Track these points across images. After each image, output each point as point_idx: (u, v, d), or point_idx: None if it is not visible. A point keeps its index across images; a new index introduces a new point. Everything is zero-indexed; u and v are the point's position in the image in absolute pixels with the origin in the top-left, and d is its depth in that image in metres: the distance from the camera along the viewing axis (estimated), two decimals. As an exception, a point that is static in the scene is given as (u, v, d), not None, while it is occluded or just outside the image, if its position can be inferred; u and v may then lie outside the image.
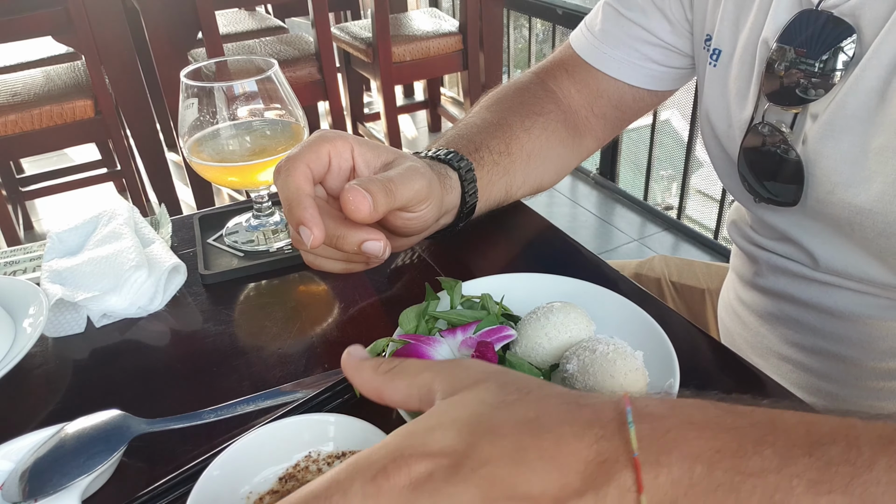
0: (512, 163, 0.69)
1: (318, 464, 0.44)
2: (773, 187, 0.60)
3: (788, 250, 0.65)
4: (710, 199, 2.66)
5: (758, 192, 0.62)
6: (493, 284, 0.58)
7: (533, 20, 2.85)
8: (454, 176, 0.62)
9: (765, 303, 0.70)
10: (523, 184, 0.71)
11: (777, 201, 0.60)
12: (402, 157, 0.55)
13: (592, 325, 0.52)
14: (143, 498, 0.43)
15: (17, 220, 2.23)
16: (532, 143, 0.71)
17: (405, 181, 0.51)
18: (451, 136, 0.69)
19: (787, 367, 0.69)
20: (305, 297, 0.66)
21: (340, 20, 3.16)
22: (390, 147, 0.57)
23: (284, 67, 1.84)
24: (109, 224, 0.68)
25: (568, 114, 0.76)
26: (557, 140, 0.74)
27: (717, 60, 0.64)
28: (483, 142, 0.67)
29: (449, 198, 0.61)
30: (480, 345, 0.48)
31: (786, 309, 0.68)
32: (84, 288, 0.61)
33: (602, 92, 0.76)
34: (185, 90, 0.66)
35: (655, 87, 0.75)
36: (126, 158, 2.13)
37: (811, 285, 0.64)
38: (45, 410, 0.53)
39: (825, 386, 0.66)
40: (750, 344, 0.73)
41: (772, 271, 0.68)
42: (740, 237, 0.74)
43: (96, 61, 1.94)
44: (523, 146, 0.70)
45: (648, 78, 0.74)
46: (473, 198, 0.64)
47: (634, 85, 0.75)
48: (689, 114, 2.36)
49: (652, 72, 0.74)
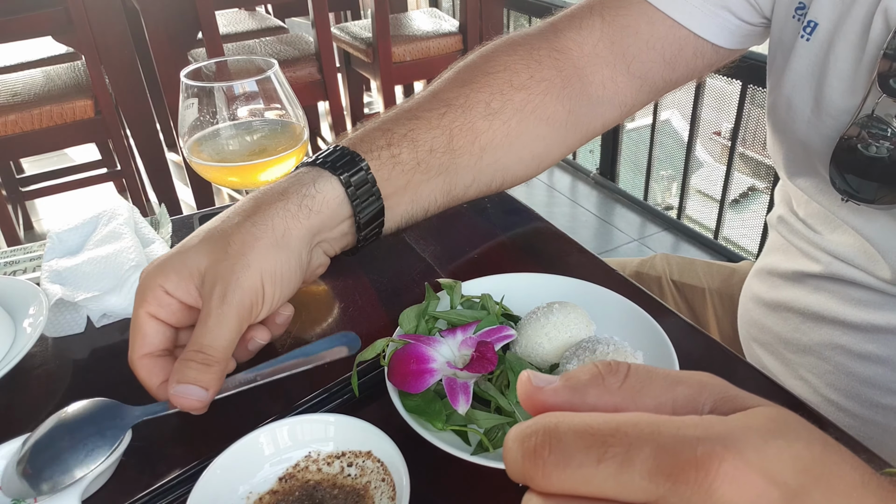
0: (454, 160, 0.58)
1: (317, 464, 0.44)
2: (854, 182, 0.54)
3: (854, 255, 0.61)
4: (710, 199, 2.66)
5: (844, 189, 0.55)
6: (493, 284, 0.58)
7: (533, 20, 2.85)
8: (328, 188, 0.52)
9: (810, 300, 0.67)
10: (474, 182, 0.61)
11: (857, 197, 0.55)
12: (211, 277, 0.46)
13: (592, 325, 0.52)
14: (143, 498, 0.43)
15: (17, 220, 2.23)
16: (493, 132, 0.60)
17: (217, 329, 0.45)
18: (369, 127, 0.57)
19: (827, 368, 0.66)
20: (305, 297, 0.66)
21: (340, 20, 3.16)
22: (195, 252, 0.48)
23: (284, 67, 1.84)
24: (109, 224, 0.68)
25: (573, 81, 0.64)
26: (539, 119, 0.62)
27: (811, 34, 0.55)
28: (408, 134, 0.56)
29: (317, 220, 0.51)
30: (480, 345, 0.48)
31: (836, 310, 0.64)
32: (84, 288, 0.61)
33: (655, 41, 0.63)
34: (185, 90, 0.66)
35: (724, 42, 0.63)
36: (126, 158, 2.13)
37: (871, 293, 0.61)
38: (45, 410, 0.53)
39: (866, 391, 0.63)
40: (784, 340, 0.70)
41: (827, 274, 0.65)
42: (792, 234, 0.69)
43: (96, 61, 1.94)
44: (477, 137, 0.59)
45: (719, 29, 0.62)
46: (371, 207, 0.54)
47: (701, 35, 0.62)
48: (689, 114, 2.36)
49: (725, 23, 0.62)
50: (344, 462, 0.44)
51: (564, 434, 0.22)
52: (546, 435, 0.22)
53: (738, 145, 2.25)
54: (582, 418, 0.22)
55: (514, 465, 0.23)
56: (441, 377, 0.47)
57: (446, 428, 0.45)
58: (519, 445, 0.22)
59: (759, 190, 3.62)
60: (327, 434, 0.45)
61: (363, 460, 0.44)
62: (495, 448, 0.44)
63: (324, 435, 0.45)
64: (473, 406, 0.45)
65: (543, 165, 0.66)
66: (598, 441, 0.21)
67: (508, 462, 0.23)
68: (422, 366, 0.47)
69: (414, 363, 0.47)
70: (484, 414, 0.45)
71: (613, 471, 0.21)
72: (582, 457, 0.21)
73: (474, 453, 0.43)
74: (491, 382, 0.48)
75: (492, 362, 0.47)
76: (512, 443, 0.23)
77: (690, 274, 0.90)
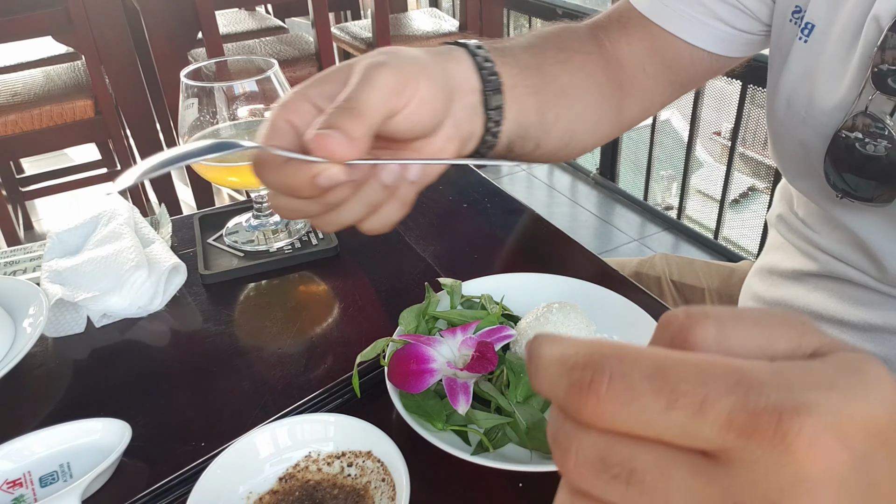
0: (545, 85, 0.57)
1: (317, 463, 0.44)
2: (852, 181, 0.55)
3: (851, 255, 0.62)
4: (710, 199, 2.66)
5: (841, 187, 0.56)
6: (493, 284, 0.58)
7: (533, 20, 2.85)
8: (464, 57, 0.49)
9: (809, 299, 0.67)
10: (556, 121, 0.59)
11: (855, 196, 0.55)
12: (357, 64, 0.42)
13: (592, 325, 0.52)
14: (143, 498, 0.43)
15: (17, 220, 2.23)
16: (566, 78, 0.60)
17: (367, 85, 0.39)
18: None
19: None
20: (305, 297, 0.66)
21: (340, 20, 3.16)
22: (342, 63, 0.43)
23: (284, 67, 1.84)
24: (109, 224, 0.68)
25: (612, 63, 0.66)
26: (594, 85, 0.63)
27: (808, 36, 0.57)
28: (511, 50, 0.56)
29: (457, 70, 0.48)
30: (480, 345, 0.48)
31: (835, 309, 0.65)
32: (84, 288, 0.61)
33: (657, 49, 0.66)
34: (186, 90, 0.66)
35: (718, 49, 0.66)
36: (126, 158, 2.13)
37: (867, 293, 0.61)
38: (45, 410, 0.53)
39: None
40: None
41: (825, 273, 0.65)
42: (791, 233, 0.70)
43: (96, 61, 1.94)
44: (557, 76, 0.59)
45: (710, 38, 0.65)
46: (496, 95, 0.51)
47: (693, 44, 0.65)
48: (689, 114, 2.36)
49: (716, 31, 0.64)
50: (344, 462, 0.44)
51: (629, 373, 0.20)
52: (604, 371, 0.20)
53: (738, 145, 2.25)
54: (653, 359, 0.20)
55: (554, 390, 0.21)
56: (441, 377, 0.47)
57: (446, 428, 0.45)
58: (566, 374, 0.21)
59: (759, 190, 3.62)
60: (327, 434, 0.45)
61: (363, 460, 0.44)
62: (495, 448, 0.44)
63: (324, 435, 0.45)
64: (473, 406, 0.45)
65: (597, 137, 0.65)
66: (670, 387, 0.19)
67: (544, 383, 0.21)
68: (422, 366, 0.47)
69: (414, 363, 0.47)
70: (484, 414, 0.45)
71: (681, 420, 0.19)
72: (647, 400, 0.20)
73: (474, 453, 0.43)
74: (491, 382, 0.48)
75: (492, 362, 0.47)
76: (556, 367, 0.21)
77: (690, 274, 0.90)
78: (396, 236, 0.74)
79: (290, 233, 0.73)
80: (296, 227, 0.74)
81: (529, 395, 0.47)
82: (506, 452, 0.44)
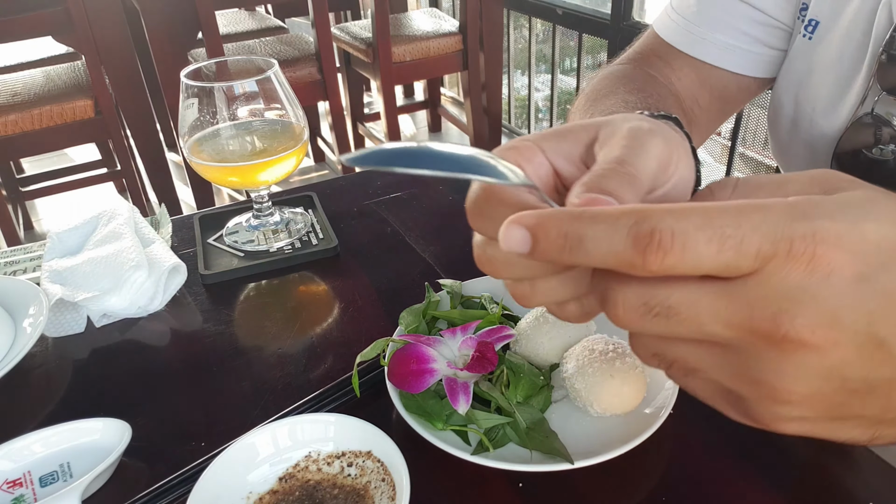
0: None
1: (317, 463, 0.44)
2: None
3: None
4: (710, 199, 2.64)
5: None
6: (494, 284, 0.58)
7: (533, 20, 2.85)
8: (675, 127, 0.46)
9: None
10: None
11: None
12: (608, 125, 0.35)
13: (592, 325, 0.52)
14: (143, 498, 0.43)
15: (17, 220, 2.23)
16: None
17: (641, 152, 0.33)
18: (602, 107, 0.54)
19: None
20: (305, 297, 0.66)
21: (340, 20, 3.16)
22: (583, 122, 0.36)
23: (284, 67, 1.84)
24: (109, 224, 0.68)
25: (678, 99, 0.65)
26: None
27: (812, 32, 0.55)
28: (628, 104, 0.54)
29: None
30: (480, 345, 0.48)
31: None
32: (84, 288, 0.61)
33: (703, 81, 0.65)
34: (186, 90, 0.66)
35: (763, 73, 0.64)
36: (126, 158, 2.13)
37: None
38: (45, 410, 0.53)
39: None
40: None
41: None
42: None
43: (96, 61, 1.94)
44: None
45: (755, 63, 0.63)
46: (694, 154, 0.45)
47: (739, 73, 0.63)
48: (689, 114, 2.36)
49: (760, 56, 0.62)
50: (344, 462, 0.44)
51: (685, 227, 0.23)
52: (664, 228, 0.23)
53: (738, 145, 2.25)
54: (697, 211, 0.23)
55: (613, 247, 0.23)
56: (441, 377, 0.47)
57: (446, 428, 0.45)
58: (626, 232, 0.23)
59: (759, 190, 3.61)
60: (327, 434, 0.45)
61: (363, 460, 0.44)
62: (495, 448, 0.44)
63: (324, 435, 0.45)
64: (473, 406, 0.45)
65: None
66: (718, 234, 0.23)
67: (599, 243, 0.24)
68: (422, 366, 0.47)
69: (414, 363, 0.47)
70: (484, 414, 0.45)
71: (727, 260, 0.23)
72: (703, 249, 0.23)
73: (474, 453, 0.43)
74: (491, 382, 0.48)
75: (492, 362, 0.47)
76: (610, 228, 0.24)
77: None
78: (396, 236, 0.74)
79: (291, 233, 0.73)
80: (296, 227, 0.74)
81: (529, 395, 0.47)
82: (506, 452, 0.44)
